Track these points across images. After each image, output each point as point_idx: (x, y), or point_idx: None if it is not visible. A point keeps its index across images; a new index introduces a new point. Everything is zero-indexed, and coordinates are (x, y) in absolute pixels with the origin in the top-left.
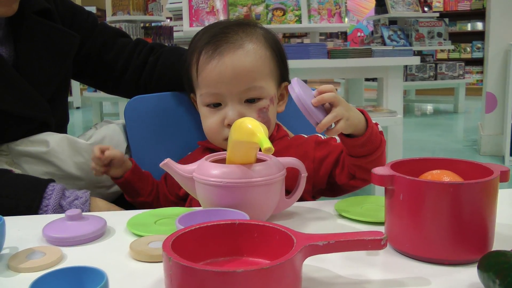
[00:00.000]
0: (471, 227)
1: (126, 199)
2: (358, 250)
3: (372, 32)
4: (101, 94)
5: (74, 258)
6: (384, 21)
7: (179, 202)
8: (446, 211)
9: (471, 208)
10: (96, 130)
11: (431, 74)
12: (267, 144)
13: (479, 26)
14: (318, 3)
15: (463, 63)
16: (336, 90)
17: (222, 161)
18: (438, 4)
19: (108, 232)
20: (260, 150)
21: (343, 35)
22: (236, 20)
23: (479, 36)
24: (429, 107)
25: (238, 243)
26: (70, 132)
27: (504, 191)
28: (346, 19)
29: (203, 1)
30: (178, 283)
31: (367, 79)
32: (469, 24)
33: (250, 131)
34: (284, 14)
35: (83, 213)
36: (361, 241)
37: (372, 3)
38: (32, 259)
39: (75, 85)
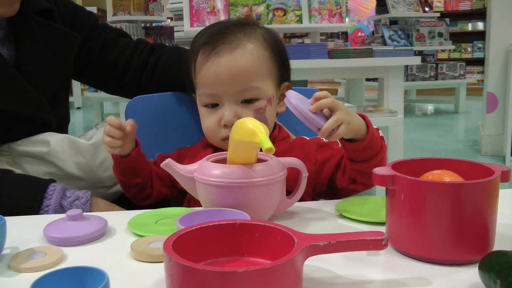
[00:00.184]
0: (472, 227)
1: (121, 184)
2: (359, 250)
3: (373, 32)
4: (102, 94)
5: (75, 258)
6: (385, 21)
7: (172, 185)
8: (447, 211)
9: (472, 208)
10: (97, 130)
11: (432, 74)
12: (268, 144)
13: (480, 26)
14: (318, 3)
15: (464, 63)
16: (337, 90)
17: (223, 161)
18: (439, 4)
19: (109, 232)
20: (261, 150)
21: (344, 35)
22: (236, 20)
23: (480, 36)
24: (429, 107)
25: (239, 243)
26: (71, 132)
27: (505, 191)
28: (347, 19)
29: (204, 1)
30: (179, 283)
31: (367, 79)
32: (470, 24)
33: (251, 131)
34: (285, 14)
35: (84, 213)
36: (362, 241)
37: (372, 3)
38: (33, 259)
39: (76, 85)
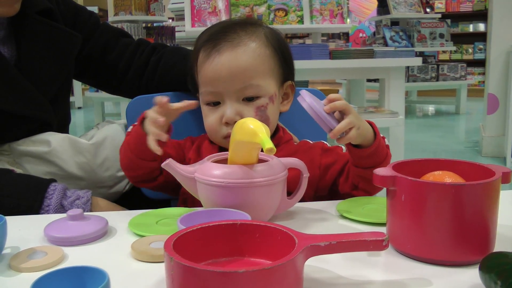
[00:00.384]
0: (472, 228)
1: (131, 164)
2: (359, 251)
3: (374, 33)
4: (103, 94)
5: (76, 258)
6: (386, 22)
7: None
8: (448, 212)
9: (472, 209)
10: (98, 130)
11: (433, 75)
12: (269, 144)
13: (481, 27)
14: (320, 4)
15: (465, 64)
16: (338, 91)
17: (224, 161)
18: (440, 5)
19: (109, 232)
20: (262, 151)
21: (345, 35)
22: (239, 20)
23: (481, 37)
24: (430, 108)
25: (240, 243)
26: (71, 132)
27: (505, 193)
28: (348, 20)
29: (205, 1)
30: (179, 283)
31: (369, 80)
32: (471, 25)
33: (252, 132)
34: (286, 15)
35: (84, 213)
36: (362, 241)
37: (374, 4)
38: (34, 259)
39: (77, 85)
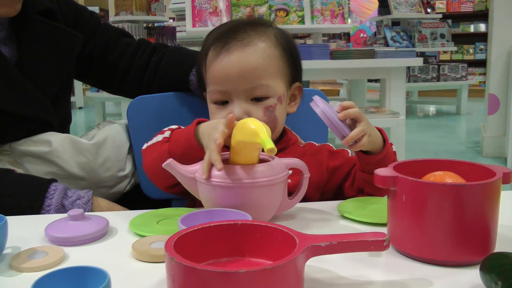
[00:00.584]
0: (473, 228)
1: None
2: (360, 251)
3: (375, 33)
4: (103, 94)
5: (76, 258)
6: (387, 22)
7: None
8: (449, 212)
9: (473, 210)
10: (99, 130)
11: (434, 75)
12: (270, 144)
13: (482, 27)
14: (321, 4)
15: (465, 65)
16: (339, 91)
17: (224, 161)
18: (441, 5)
19: (110, 232)
20: (262, 151)
21: (346, 36)
22: (249, 19)
23: (482, 37)
24: (431, 109)
25: (241, 243)
26: (72, 132)
27: (506, 193)
28: (349, 20)
29: (206, 1)
30: (180, 284)
31: (369, 80)
32: (472, 26)
33: (253, 132)
34: (287, 15)
35: (85, 213)
36: (363, 242)
37: (375, 4)
38: (34, 258)
39: (78, 85)
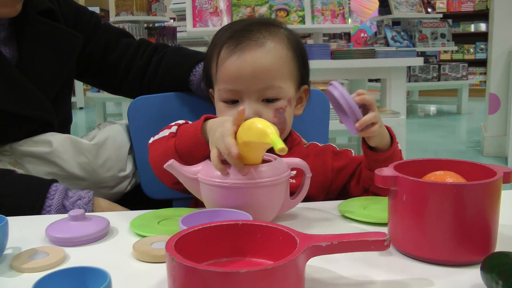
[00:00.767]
0: (474, 228)
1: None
2: (361, 251)
3: (375, 33)
4: (104, 95)
5: (77, 259)
6: (387, 22)
7: None
8: (449, 212)
9: (474, 209)
10: (99, 130)
11: (435, 75)
12: (280, 144)
13: (483, 27)
14: (321, 4)
15: (466, 64)
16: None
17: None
18: (441, 5)
19: (111, 233)
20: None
21: (347, 36)
22: (260, 19)
23: (483, 37)
24: (432, 108)
25: (241, 243)
26: (73, 132)
27: (507, 192)
28: (350, 20)
29: (206, 1)
30: (181, 284)
31: (370, 80)
32: (472, 25)
33: (261, 131)
34: (287, 15)
35: (86, 213)
36: (364, 242)
37: (375, 4)
38: (35, 259)
39: (79, 85)
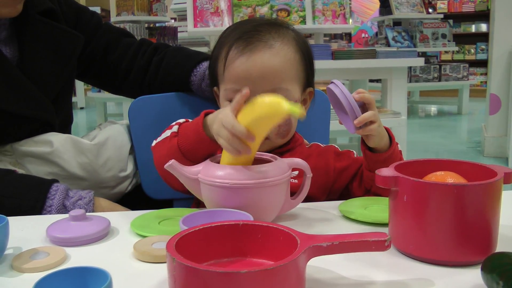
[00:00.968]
0: (474, 228)
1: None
2: (361, 251)
3: (376, 33)
4: (105, 95)
5: (78, 259)
6: (388, 22)
7: None
8: (450, 212)
9: (474, 210)
10: (100, 130)
11: (435, 75)
12: (299, 108)
13: (483, 27)
14: (322, 4)
15: (467, 65)
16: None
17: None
18: (442, 5)
19: (112, 233)
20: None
21: (348, 36)
22: (268, 19)
23: (483, 37)
24: (433, 109)
25: (242, 244)
26: (74, 132)
27: (507, 193)
28: (351, 20)
29: (207, 1)
30: (181, 284)
31: (371, 80)
32: (473, 26)
33: (274, 104)
34: (288, 15)
35: (87, 213)
36: (364, 242)
37: (376, 4)
38: (36, 259)
39: (79, 85)
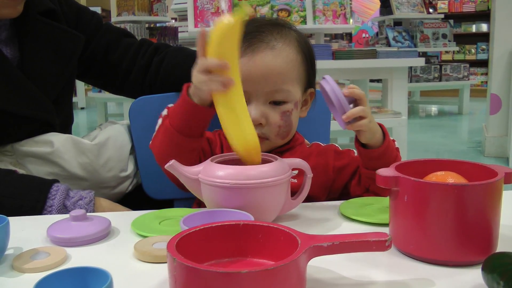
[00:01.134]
0: (475, 228)
1: (175, 147)
2: (362, 251)
3: (377, 33)
4: (105, 95)
5: (79, 259)
6: (389, 22)
7: None
8: (451, 212)
9: (475, 210)
10: (101, 130)
11: (436, 75)
12: (242, 10)
13: (484, 27)
14: (323, 4)
15: (467, 65)
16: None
17: (228, 162)
18: (443, 5)
19: (112, 233)
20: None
21: (348, 36)
22: (270, 20)
23: (484, 37)
24: (433, 109)
25: (243, 244)
26: (74, 132)
27: (508, 193)
28: (351, 20)
29: (208, 2)
30: (182, 284)
31: (371, 80)
32: (474, 26)
33: (221, 22)
34: (289, 15)
35: (87, 213)
36: (365, 242)
37: (377, 4)
38: (37, 259)
39: (80, 85)
